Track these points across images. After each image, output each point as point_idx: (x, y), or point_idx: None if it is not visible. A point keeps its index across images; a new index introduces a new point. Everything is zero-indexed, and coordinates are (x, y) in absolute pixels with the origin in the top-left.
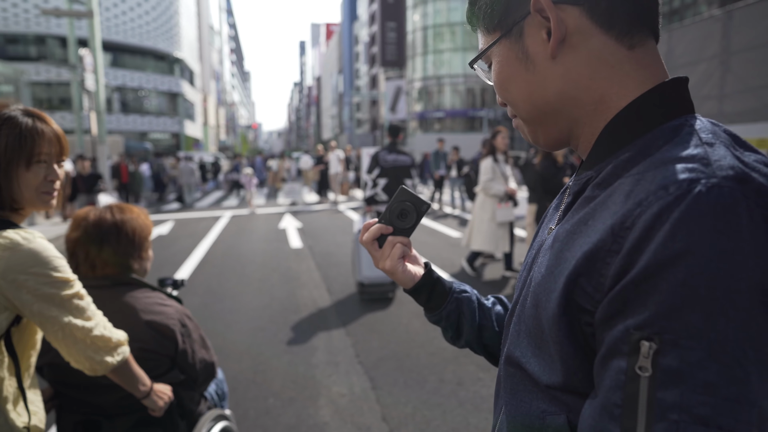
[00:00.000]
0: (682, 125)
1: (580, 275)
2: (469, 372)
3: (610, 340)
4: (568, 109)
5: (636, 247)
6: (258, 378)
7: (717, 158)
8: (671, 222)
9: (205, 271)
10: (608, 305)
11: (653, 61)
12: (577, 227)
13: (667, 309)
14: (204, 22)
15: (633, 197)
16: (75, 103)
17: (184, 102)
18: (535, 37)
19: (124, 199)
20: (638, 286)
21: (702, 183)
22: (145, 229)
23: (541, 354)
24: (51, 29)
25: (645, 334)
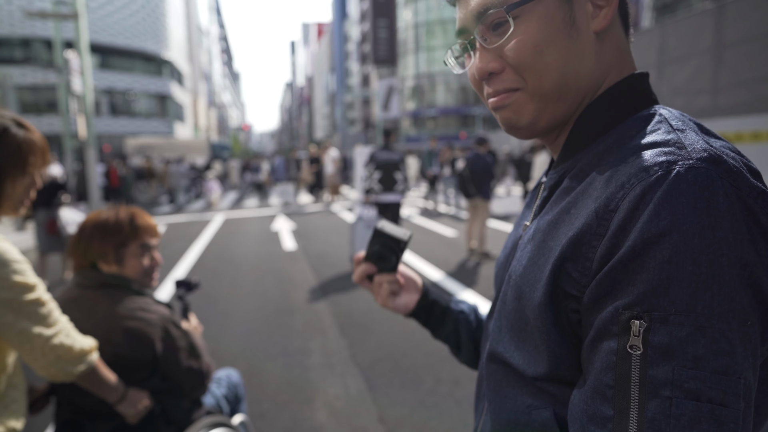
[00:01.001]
0: (652, 114)
1: (566, 260)
2: (466, 371)
3: (600, 323)
4: (587, 90)
5: (621, 227)
6: (252, 381)
7: (690, 142)
8: (654, 202)
9: (198, 275)
10: (596, 287)
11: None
12: (559, 216)
13: (655, 286)
14: (193, 23)
15: (614, 181)
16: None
17: (174, 104)
18: (582, 5)
19: (114, 204)
20: (626, 266)
21: (679, 164)
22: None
23: (525, 347)
24: (36, 31)
25: (635, 312)
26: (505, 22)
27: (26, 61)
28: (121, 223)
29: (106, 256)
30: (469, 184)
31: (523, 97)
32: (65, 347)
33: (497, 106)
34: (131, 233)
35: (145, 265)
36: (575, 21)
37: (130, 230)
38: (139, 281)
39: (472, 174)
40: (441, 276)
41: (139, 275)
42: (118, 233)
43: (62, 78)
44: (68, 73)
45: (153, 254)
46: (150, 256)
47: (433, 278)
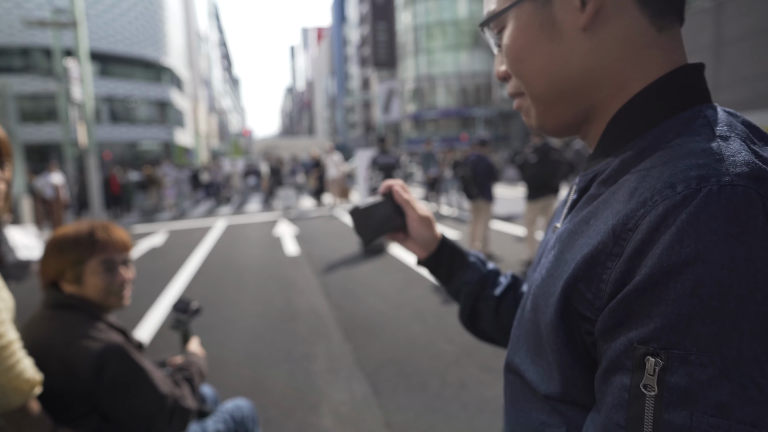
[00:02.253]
0: (696, 116)
1: (579, 280)
2: (471, 374)
3: (612, 354)
4: (588, 91)
5: (639, 251)
6: (257, 388)
7: (731, 153)
8: (678, 225)
9: (201, 281)
10: (610, 315)
11: (678, 47)
12: (579, 227)
13: (675, 321)
14: (192, 29)
15: (637, 195)
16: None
17: (174, 110)
18: (565, 3)
19: (116, 212)
20: (642, 295)
21: (713, 181)
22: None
23: (539, 361)
24: (36, 40)
25: (650, 348)
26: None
27: (26, 69)
28: (78, 238)
29: (64, 274)
30: (472, 185)
31: (526, 101)
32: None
33: (516, 109)
34: (89, 248)
35: (108, 282)
36: (556, 22)
37: (88, 245)
38: (103, 301)
39: (474, 175)
40: None
41: (101, 294)
42: (75, 249)
43: (62, 86)
44: (68, 81)
45: (119, 271)
46: (115, 273)
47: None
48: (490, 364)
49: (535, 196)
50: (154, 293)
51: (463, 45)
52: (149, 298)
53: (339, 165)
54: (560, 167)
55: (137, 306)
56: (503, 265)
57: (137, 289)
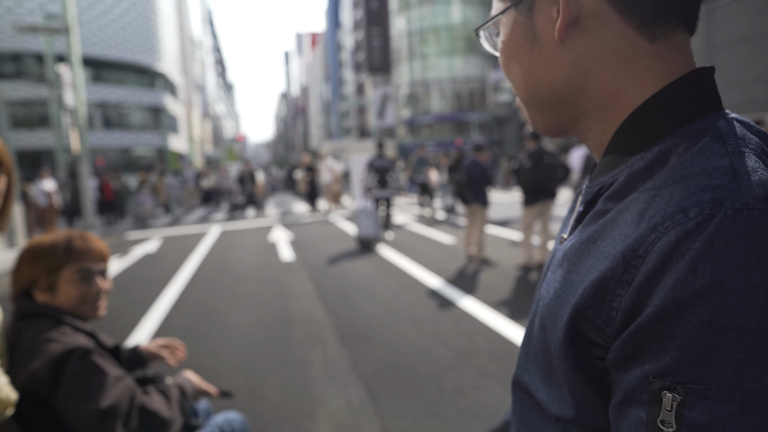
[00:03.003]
0: (707, 128)
1: (588, 307)
2: (468, 379)
3: (627, 386)
4: (575, 99)
5: (650, 280)
6: (253, 395)
7: (745, 172)
8: (692, 254)
9: (196, 288)
10: (623, 346)
11: (679, 56)
12: (585, 246)
13: (692, 355)
14: (185, 34)
15: (647, 219)
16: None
17: (168, 116)
18: (545, 13)
19: (109, 219)
20: (656, 328)
21: (727, 205)
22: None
23: (551, 382)
24: (27, 46)
25: (666, 383)
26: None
27: (17, 75)
28: (54, 246)
29: (38, 282)
30: (467, 190)
31: (522, 105)
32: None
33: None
34: (64, 256)
35: (83, 292)
36: (536, 33)
37: (64, 253)
38: (76, 311)
39: (469, 180)
40: (440, 283)
41: (75, 304)
42: (50, 256)
43: (54, 92)
44: (60, 87)
45: (96, 280)
46: (90, 283)
47: (433, 286)
48: (486, 369)
49: (532, 201)
50: (148, 300)
51: (458, 50)
52: (143, 305)
53: (333, 170)
54: (555, 171)
55: (131, 313)
56: (499, 270)
57: (131, 296)
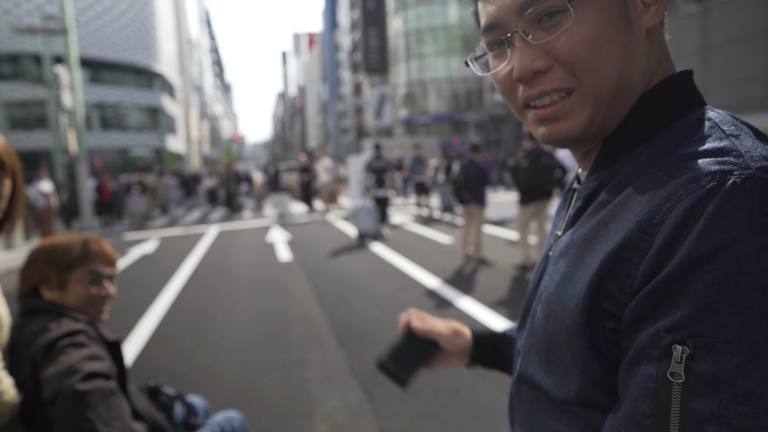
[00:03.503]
0: (701, 119)
1: (605, 277)
2: (466, 379)
3: (638, 345)
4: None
5: (667, 244)
6: (250, 396)
7: (747, 149)
8: (705, 217)
9: (193, 289)
10: (636, 307)
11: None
12: (596, 231)
13: (702, 310)
14: (183, 35)
15: (660, 193)
16: (52, 121)
17: (166, 116)
18: (634, 1)
19: (107, 219)
20: (670, 286)
21: (735, 174)
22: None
23: (555, 369)
24: (25, 47)
25: (677, 337)
26: (559, 12)
27: (15, 76)
28: (70, 246)
29: (49, 280)
30: (464, 190)
31: (578, 101)
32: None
33: (546, 118)
34: (80, 257)
35: (92, 293)
36: (629, 17)
37: (80, 253)
38: (82, 311)
39: (466, 180)
40: (438, 283)
41: (82, 304)
42: (65, 255)
43: (52, 93)
44: (58, 88)
45: (104, 284)
46: (100, 286)
47: (430, 286)
48: (484, 371)
49: (528, 200)
50: (146, 301)
51: (455, 50)
52: (141, 305)
53: (329, 170)
54: (552, 171)
55: (128, 314)
56: (496, 269)
57: (129, 297)
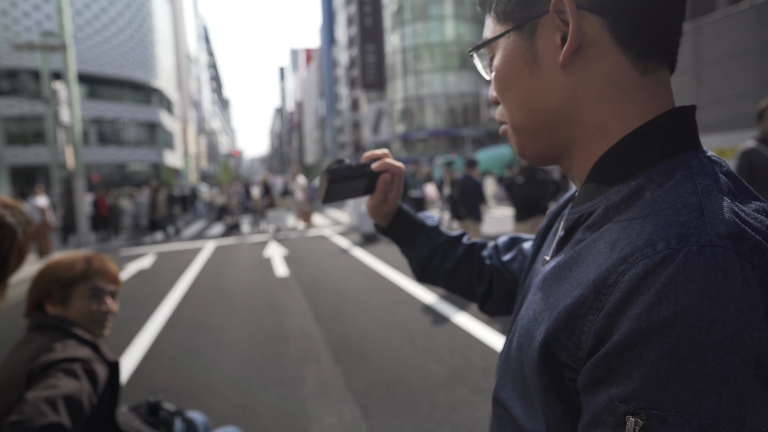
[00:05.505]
0: (679, 166)
1: (561, 331)
2: (462, 395)
3: (594, 409)
4: (566, 127)
5: (618, 308)
6: (246, 413)
7: (712, 211)
8: (657, 286)
9: (190, 304)
10: (591, 370)
11: (663, 92)
12: (562, 272)
13: (654, 383)
14: (181, 51)
15: (618, 250)
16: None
17: (163, 132)
18: (547, 39)
19: (103, 235)
20: (622, 355)
21: (693, 241)
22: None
23: (525, 399)
24: (23, 63)
25: (630, 408)
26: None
27: (13, 91)
28: (74, 263)
29: (52, 296)
30: (460, 205)
31: (509, 130)
32: None
33: (501, 134)
34: (82, 273)
35: (93, 309)
36: (537, 57)
37: (82, 269)
38: (85, 327)
39: (462, 195)
40: (434, 299)
41: (84, 319)
42: (68, 271)
43: (50, 108)
44: (56, 103)
45: (106, 300)
46: (101, 302)
47: (427, 301)
48: (480, 386)
49: (524, 217)
50: (143, 316)
51: (451, 66)
52: (137, 321)
53: (304, 189)
54: (547, 187)
55: (124, 330)
56: None
57: (125, 312)
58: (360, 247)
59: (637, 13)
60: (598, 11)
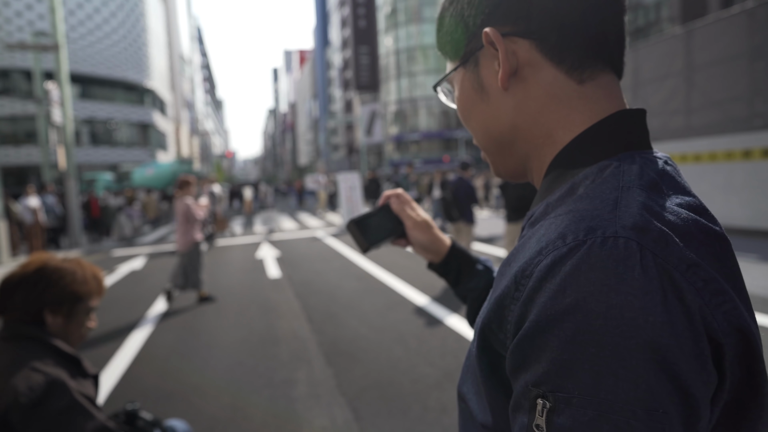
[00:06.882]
0: (611, 165)
1: (492, 321)
2: (453, 398)
3: (516, 393)
4: (521, 143)
5: (530, 297)
6: (237, 415)
7: (625, 205)
8: (561, 275)
9: (181, 306)
10: (511, 357)
11: (606, 96)
12: (503, 268)
13: (558, 367)
14: (175, 52)
15: (538, 244)
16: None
17: (156, 132)
18: (489, 68)
19: (95, 236)
20: (532, 341)
21: (599, 233)
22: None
23: (479, 393)
24: (15, 62)
25: (540, 391)
26: None
27: (5, 91)
28: (86, 276)
29: (61, 306)
30: (453, 208)
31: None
32: None
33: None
34: (96, 290)
35: (85, 328)
36: (483, 85)
37: (95, 288)
38: (70, 341)
39: (455, 198)
40: (426, 301)
41: (77, 334)
42: (84, 285)
43: (42, 109)
44: (48, 104)
45: (92, 318)
46: (91, 320)
47: (419, 303)
48: None
49: (517, 217)
50: (133, 318)
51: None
52: (127, 323)
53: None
54: None
55: (115, 331)
56: None
57: (116, 314)
58: (352, 249)
59: (562, 29)
60: (524, 35)
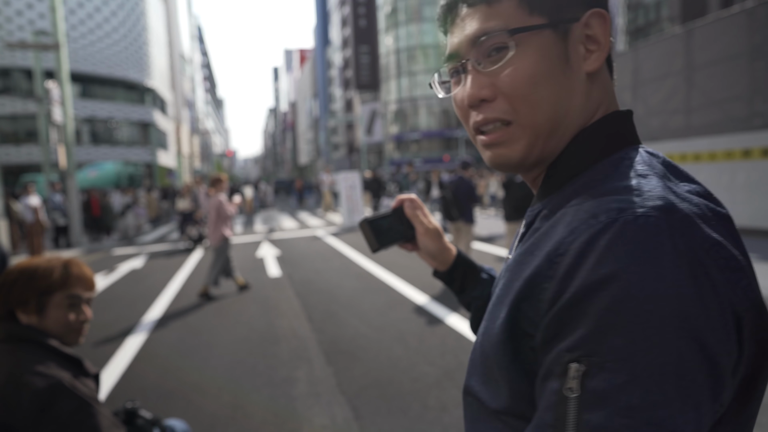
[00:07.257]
0: (622, 158)
1: (522, 300)
2: (453, 396)
3: (547, 362)
4: (573, 128)
5: (568, 273)
6: (237, 414)
7: (648, 189)
8: (599, 249)
9: (181, 305)
10: (545, 329)
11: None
12: (524, 257)
13: (594, 332)
14: (175, 51)
15: (569, 226)
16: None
17: (157, 131)
18: (575, 45)
19: (96, 233)
20: (570, 310)
21: (629, 212)
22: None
23: (489, 381)
24: (16, 61)
25: (574, 356)
26: (505, 47)
27: (5, 90)
28: (51, 269)
29: (27, 304)
30: (452, 207)
31: (516, 131)
32: None
33: (489, 143)
34: (60, 281)
35: (71, 319)
36: (569, 59)
37: (60, 277)
38: (61, 337)
39: (455, 197)
40: (426, 300)
41: (61, 329)
42: (46, 279)
43: (42, 108)
44: (48, 103)
45: (83, 308)
46: (79, 311)
47: (419, 302)
48: None
49: (517, 216)
50: (134, 317)
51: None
52: (128, 322)
53: None
54: None
55: (116, 330)
56: None
57: (117, 313)
58: (353, 248)
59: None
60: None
